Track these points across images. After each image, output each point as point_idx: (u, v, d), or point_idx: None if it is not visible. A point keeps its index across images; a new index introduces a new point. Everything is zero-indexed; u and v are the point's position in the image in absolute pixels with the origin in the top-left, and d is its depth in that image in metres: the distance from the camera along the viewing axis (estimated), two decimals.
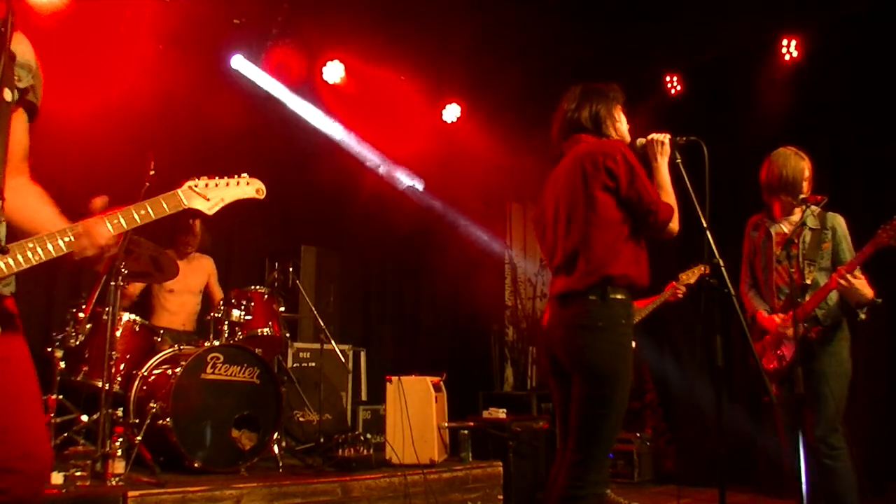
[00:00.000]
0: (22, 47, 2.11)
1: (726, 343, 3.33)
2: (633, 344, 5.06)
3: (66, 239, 2.01)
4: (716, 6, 6.56)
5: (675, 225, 3.23)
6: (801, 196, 4.19)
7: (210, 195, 2.27)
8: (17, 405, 1.99)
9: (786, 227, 4.29)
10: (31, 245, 1.92)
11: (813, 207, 4.16)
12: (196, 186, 2.25)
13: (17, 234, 2.05)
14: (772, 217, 4.39)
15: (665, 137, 3.40)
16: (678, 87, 7.87)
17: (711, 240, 3.19)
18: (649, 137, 3.43)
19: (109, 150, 6.12)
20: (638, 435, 7.54)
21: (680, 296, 5.20)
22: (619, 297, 3.14)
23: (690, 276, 5.19)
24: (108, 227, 2.08)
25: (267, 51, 7.41)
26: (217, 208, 2.29)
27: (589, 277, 3.15)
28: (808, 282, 4.12)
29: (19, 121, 2.15)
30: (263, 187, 2.38)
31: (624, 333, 3.14)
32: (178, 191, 2.22)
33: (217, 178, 2.31)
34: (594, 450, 3.06)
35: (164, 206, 2.17)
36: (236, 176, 2.35)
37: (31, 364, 2.07)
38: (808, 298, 4.11)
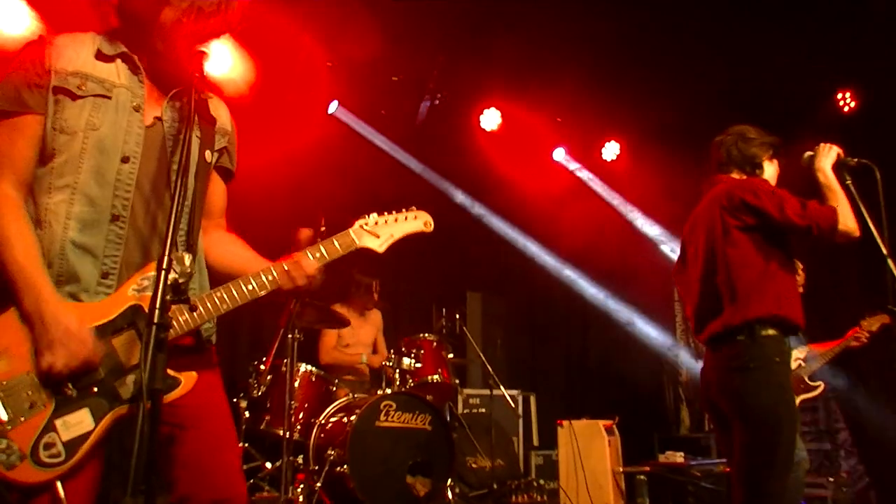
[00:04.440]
0: (221, 112, 2.30)
1: None
2: (821, 385, 4.78)
3: (269, 277, 2.10)
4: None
5: (845, 224, 3.05)
6: None
7: (380, 232, 2.26)
8: (222, 449, 2.12)
9: None
10: (218, 294, 2.04)
11: None
12: (366, 225, 2.26)
13: (223, 280, 2.15)
14: None
15: (832, 146, 3.27)
16: (851, 104, 7.39)
17: (893, 268, 2.94)
18: (817, 147, 3.29)
19: (283, 209, 6.45)
20: (831, 479, 7.01)
21: (864, 341, 4.89)
22: (769, 333, 3.00)
23: (873, 322, 4.90)
24: (311, 259, 2.17)
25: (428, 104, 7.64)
26: (387, 245, 2.28)
27: (734, 319, 3.06)
28: None
29: (217, 182, 2.33)
30: (431, 220, 2.37)
31: (779, 372, 2.98)
32: (350, 230, 2.24)
33: (386, 213, 2.31)
34: (763, 501, 2.88)
35: (337, 245, 2.21)
36: (404, 210, 2.34)
37: (229, 412, 2.20)
38: None
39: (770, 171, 3.43)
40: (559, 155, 8.64)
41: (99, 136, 1.98)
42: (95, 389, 1.86)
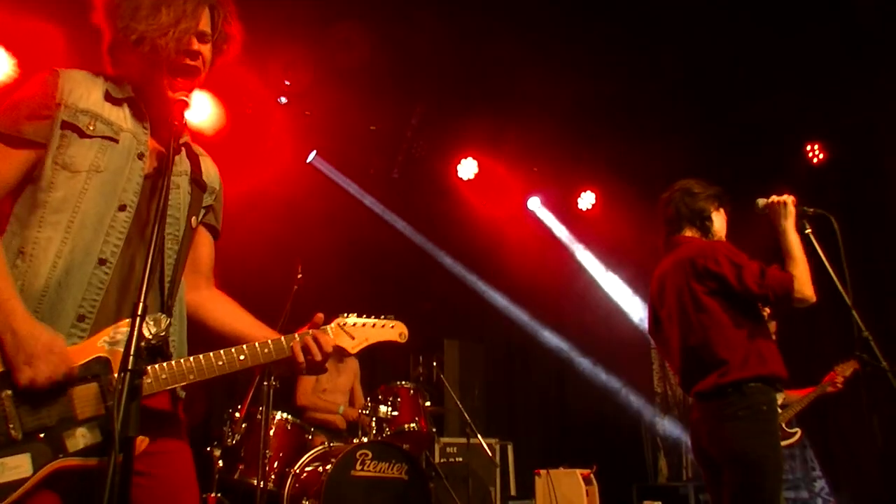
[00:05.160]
0: (211, 171, 2.31)
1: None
2: (798, 432, 4.83)
3: (265, 349, 2.08)
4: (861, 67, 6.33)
5: (801, 292, 3.13)
6: None
7: (356, 334, 2.30)
8: (181, 498, 2.06)
9: None
10: (197, 361, 1.97)
11: None
12: (344, 325, 2.29)
13: (217, 342, 2.14)
14: None
15: (788, 198, 3.33)
16: (820, 156, 7.55)
17: (858, 318, 3.04)
18: (771, 199, 3.36)
19: (258, 256, 6.44)
20: None
21: (839, 386, 4.95)
22: (756, 385, 3.11)
23: (846, 368, 4.96)
24: (330, 336, 2.20)
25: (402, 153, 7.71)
26: (360, 348, 2.31)
27: (721, 381, 3.15)
28: None
29: (204, 237, 2.32)
30: (406, 332, 2.41)
31: (767, 419, 3.08)
32: (328, 327, 2.25)
33: (366, 317, 2.34)
34: None
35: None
36: (383, 317, 2.37)
37: (193, 470, 2.13)
38: None
39: (718, 221, 3.54)
40: (534, 204, 8.73)
41: (101, 180, 1.96)
42: (42, 436, 1.78)
